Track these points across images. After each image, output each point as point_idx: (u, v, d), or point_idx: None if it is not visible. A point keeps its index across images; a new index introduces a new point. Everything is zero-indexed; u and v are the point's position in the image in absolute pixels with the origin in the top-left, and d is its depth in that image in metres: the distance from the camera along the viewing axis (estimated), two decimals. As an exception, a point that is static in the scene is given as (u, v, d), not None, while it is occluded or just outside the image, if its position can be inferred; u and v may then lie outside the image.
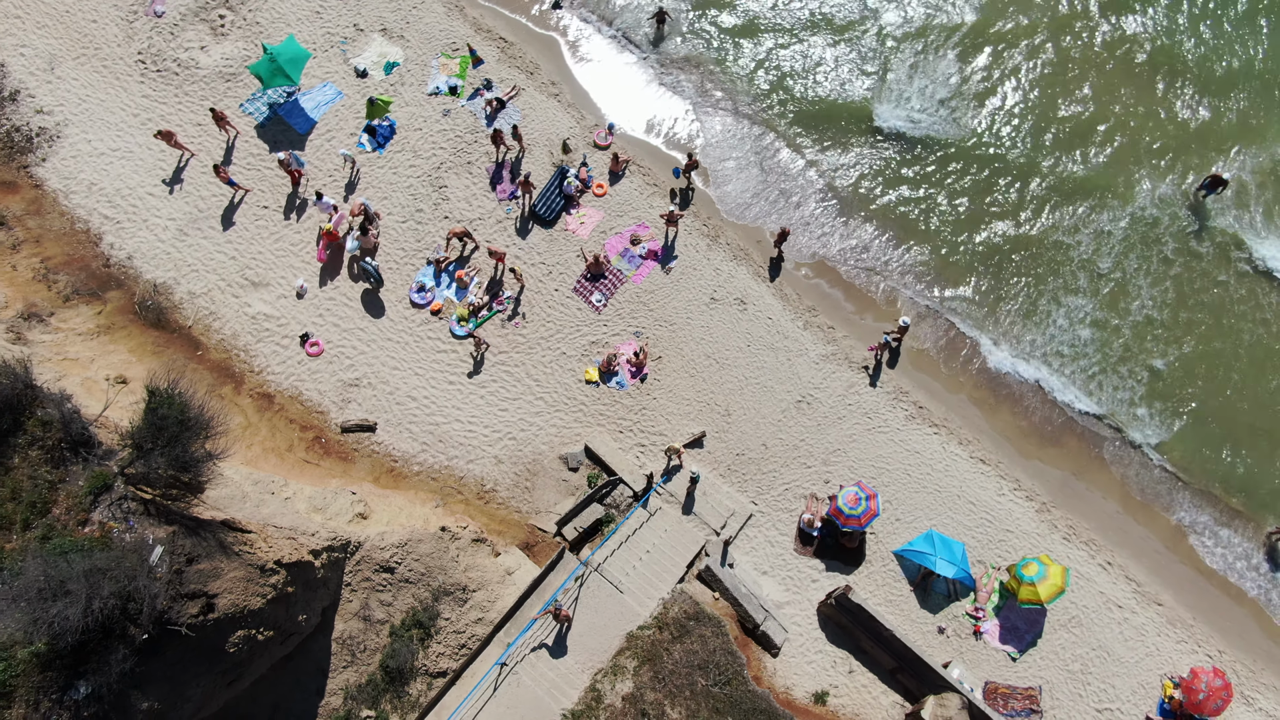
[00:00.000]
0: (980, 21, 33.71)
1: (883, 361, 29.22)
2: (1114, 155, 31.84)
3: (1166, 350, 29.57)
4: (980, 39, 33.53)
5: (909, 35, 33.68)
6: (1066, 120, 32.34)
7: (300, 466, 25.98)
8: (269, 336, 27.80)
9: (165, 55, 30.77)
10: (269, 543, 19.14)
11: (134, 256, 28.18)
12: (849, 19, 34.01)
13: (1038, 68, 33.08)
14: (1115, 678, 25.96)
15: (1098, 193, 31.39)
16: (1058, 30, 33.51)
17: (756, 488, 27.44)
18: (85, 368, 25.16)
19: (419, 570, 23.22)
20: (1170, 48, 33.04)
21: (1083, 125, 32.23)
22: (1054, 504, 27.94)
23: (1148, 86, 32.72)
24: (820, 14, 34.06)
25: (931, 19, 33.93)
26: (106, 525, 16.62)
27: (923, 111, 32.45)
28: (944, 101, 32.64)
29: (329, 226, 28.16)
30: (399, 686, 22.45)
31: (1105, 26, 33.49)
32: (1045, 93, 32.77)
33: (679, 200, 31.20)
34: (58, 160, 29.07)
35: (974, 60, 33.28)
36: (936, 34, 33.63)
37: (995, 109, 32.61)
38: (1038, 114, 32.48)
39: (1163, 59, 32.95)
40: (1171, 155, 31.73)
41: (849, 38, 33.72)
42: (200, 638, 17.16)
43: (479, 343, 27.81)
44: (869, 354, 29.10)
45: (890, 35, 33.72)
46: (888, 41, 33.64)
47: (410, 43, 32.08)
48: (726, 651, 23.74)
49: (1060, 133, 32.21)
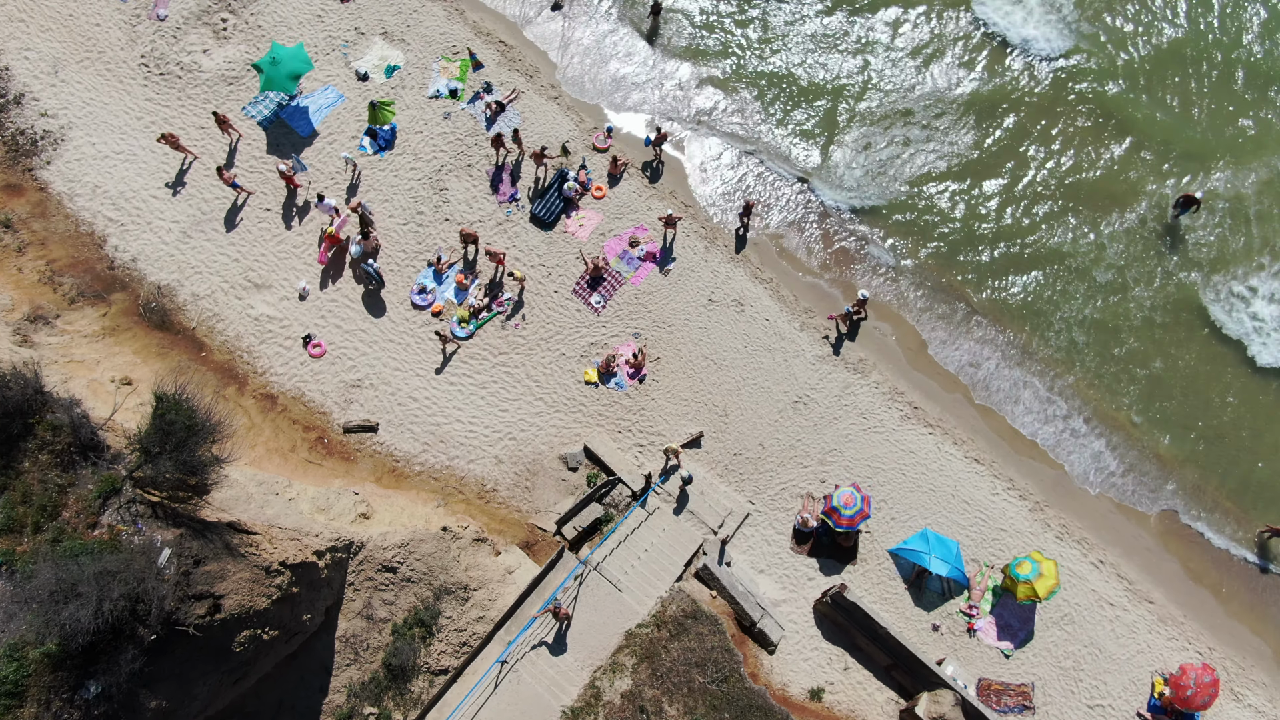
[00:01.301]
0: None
1: (843, 333, 29.87)
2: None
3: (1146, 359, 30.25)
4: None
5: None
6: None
7: (303, 467, 26.33)
8: (272, 338, 28.12)
9: (168, 59, 31.04)
10: (274, 544, 19.51)
11: (138, 259, 28.49)
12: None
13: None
14: (1107, 674, 26.33)
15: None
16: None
17: (753, 487, 27.79)
18: (91, 370, 25.51)
19: (421, 570, 23.59)
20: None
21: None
22: (1047, 503, 28.28)
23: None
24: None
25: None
26: (115, 528, 16.99)
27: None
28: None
29: (331, 229, 28.48)
30: (401, 684, 22.83)
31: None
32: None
33: (649, 174, 31.64)
34: (62, 163, 29.36)
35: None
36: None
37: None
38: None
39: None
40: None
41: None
42: (207, 638, 17.52)
43: (445, 339, 28.19)
44: (828, 322, 29.81)
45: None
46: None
47: (411, 46, 32.35)
48: (724, 649, 24.12)
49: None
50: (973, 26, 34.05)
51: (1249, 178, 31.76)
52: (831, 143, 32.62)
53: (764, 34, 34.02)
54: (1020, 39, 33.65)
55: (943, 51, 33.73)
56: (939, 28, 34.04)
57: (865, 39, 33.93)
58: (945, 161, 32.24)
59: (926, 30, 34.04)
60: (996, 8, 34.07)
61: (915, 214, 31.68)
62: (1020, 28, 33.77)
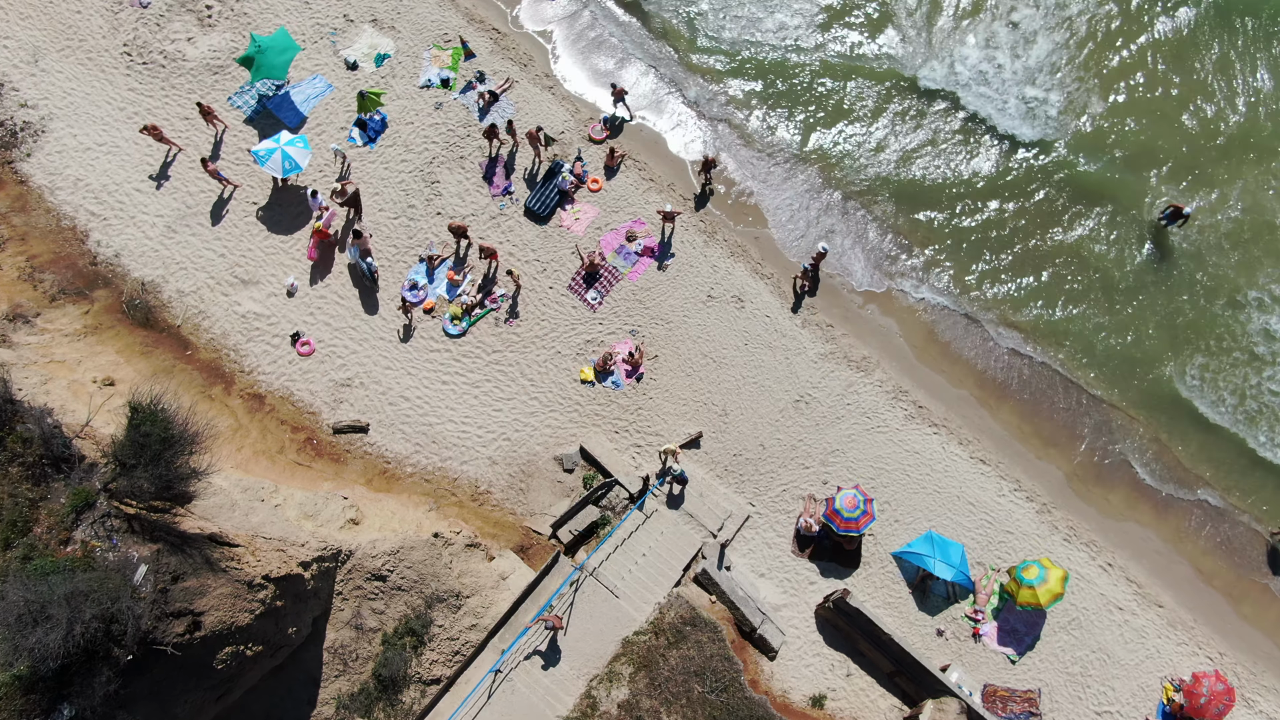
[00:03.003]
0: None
1: (804, 290, 29.45)
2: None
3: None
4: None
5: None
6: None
7: (291, 469, 25.66)
8: (259, 335, 27.38)
9: (151, 47, 30.13)
10: (257, 556, 18.85)
11: (121, 254, 27.71)
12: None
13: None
14: (1115, 680, 25.77)
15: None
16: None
17: (754, 489, 27.13)
18: (72, 370, 24.79)
19: (411, 577, 22.95)
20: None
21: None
22: (1055, 505, 27.63)
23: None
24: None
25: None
26: (89, 544, 16.30)
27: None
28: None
29: (319, 225, 27.66)
30: (392, 695, 22.24)
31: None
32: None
33: (609, 129, 31.07)
34: (43, 155, 28.53)
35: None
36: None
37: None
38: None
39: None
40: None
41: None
42: (187, 656, 16.90)
43: (407, 308, 27.57)
44: (793, 282, 29.72)
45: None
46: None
47: (401, 34, 31.41)
48: (723, 657, 23.51)
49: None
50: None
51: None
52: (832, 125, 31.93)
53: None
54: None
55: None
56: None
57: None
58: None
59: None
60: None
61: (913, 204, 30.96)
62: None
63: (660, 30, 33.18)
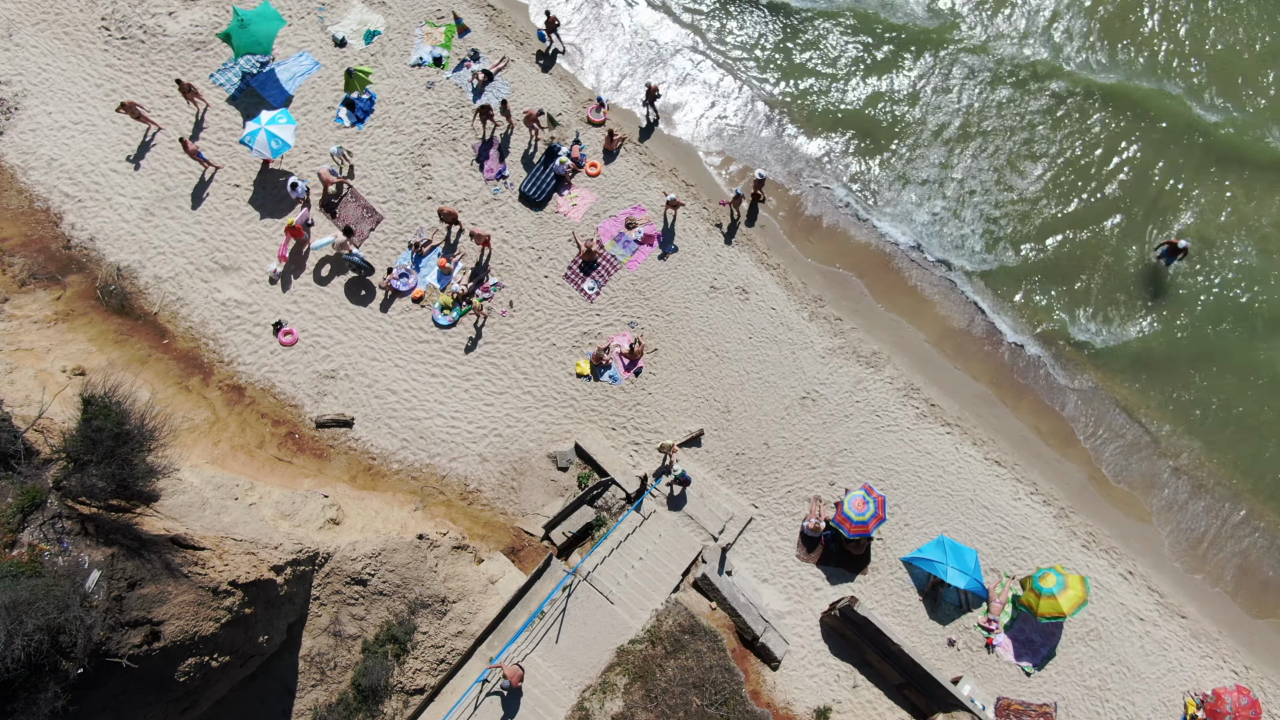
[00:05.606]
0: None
1: (736, 219, 28.58)
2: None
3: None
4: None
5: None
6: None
7: (271, 465, 24.45)
8: (240, 324, 26.13)
9: (131, 21, 28.77)
10: (224, 560, 17.58)
11: (96, 238, 26.45)
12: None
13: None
14: (1135, 694, 24.53)
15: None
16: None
17: (757, 489, 25.85)
18: (40, 359, 23.59)
19: (394, 581, 21.70)
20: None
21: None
22: (1073, 509, 26.34)
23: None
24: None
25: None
26: (37, 547, 15.00)
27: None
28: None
29: (293, 221, 26.29)
30: (373, 705, 21.03)
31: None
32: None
33: (542, 62, 29.97)
34: (15, 134, 27.27)
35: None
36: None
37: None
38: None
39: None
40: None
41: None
42: (145, 668, 15.63)
43: (388, 289, 26.73)
44: (721, 208, 28.58)
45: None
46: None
47: (392, 9, 29.98)
48: (723, 668, 22.28)
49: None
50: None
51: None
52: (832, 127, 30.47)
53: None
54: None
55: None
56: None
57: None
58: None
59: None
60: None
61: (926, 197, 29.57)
62: None
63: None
